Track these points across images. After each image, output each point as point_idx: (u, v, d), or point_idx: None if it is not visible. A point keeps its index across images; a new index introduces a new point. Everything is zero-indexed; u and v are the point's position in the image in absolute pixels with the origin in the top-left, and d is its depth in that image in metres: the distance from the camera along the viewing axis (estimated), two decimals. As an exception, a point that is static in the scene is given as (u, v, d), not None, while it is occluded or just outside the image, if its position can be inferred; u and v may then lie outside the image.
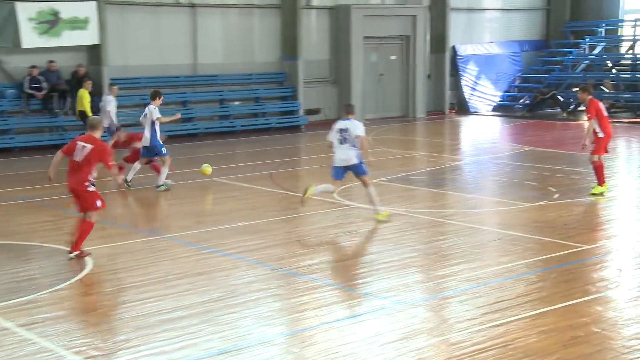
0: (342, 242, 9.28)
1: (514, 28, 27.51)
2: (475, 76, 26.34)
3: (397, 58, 24.82)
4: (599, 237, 9.28)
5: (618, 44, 26.96)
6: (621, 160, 15.64)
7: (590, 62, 26.38)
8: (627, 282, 7.56)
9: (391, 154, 16.93)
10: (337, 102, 23.78)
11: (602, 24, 27.09)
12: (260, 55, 22.34)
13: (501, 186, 13.05)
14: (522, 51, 27.54)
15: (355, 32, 23.18)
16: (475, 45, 26.50)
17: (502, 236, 9.46)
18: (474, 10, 26.63)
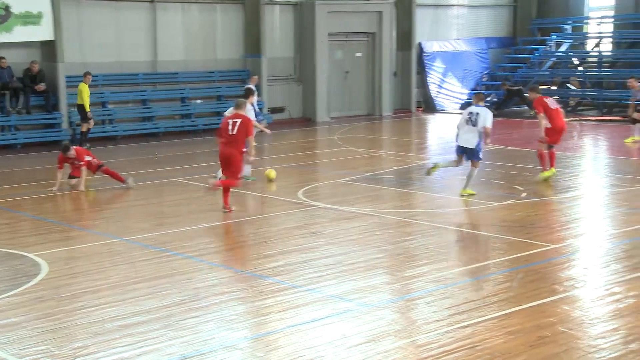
0: (307, 244, 9.28)
1: (480, 25, 27.80)
2: (442, 73, 26.56)
3: (362, 55, 24.91)
4: (565, 236, 9.42)
5: (584, 42, 27.41)
6: (587, 158, 15.90)
7: (556, 59, 26.78)
8: (594, 281, 7.69)
9: (357, 153, 16.98)
10: (301, 100, 23.80)
11: (568, 21, 27.52)
12: (223, 52, 22.25)
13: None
14: (489, 48, 27.84)
15: (320, 28, 23.22)
16: (442, 42, 26.72)
17: (470, 236, 9.55)
18: (440, 7, 26.85)
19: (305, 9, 23.27)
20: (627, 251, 8.64)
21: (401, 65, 25.62)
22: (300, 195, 12.09)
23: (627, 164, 14.86)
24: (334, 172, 14.22)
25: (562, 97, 25.23)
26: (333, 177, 13.78)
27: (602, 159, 16.11)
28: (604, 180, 13.35)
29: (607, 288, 7.40)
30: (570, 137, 19.06)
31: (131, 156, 17.24)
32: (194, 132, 20.74)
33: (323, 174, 14.61)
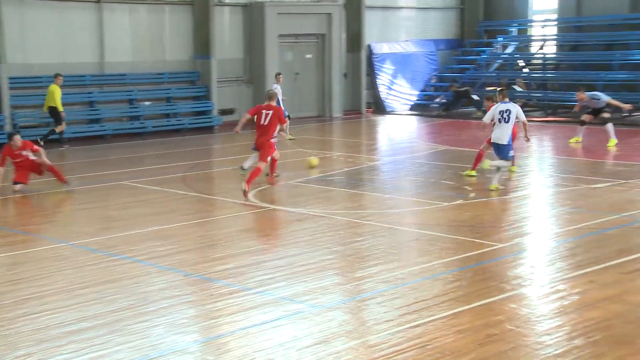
0: (257, 246, 9.24)
1: (429, 27, 28.11)
2: (392, 75, 26.76)
3: (312, 57, 24.94)
4: (513, 235, 9.58)
5: (529, 44, 27.95)
6: (533, 158, 16.19)
7: (503, 61, 27.25)
8: (540, 279, 7.82)
9: (308, 154, 16.99)
10: (251, 102, 23.69)
11: (513, 24, 28.03)
12: (172, 53, 22.03)
13: (418, 186, 13.29)
14: (438, 50, 28.17)
15: (270, 30, 23.17)
16: (391, 44, 26.93)
17: (420, 236, 9.63)
18: (389, 9, 27.06)
19: (255, 10, 23.20)
20: (571, 249, 8.82)
21: (351, 66, 25.74)
22: (250, 197, 12.03)
23: (570, 164, 15.19)
24: (285, 174, 14.18)
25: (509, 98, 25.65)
26: (284, 178, 13.75)
27: (547, 159, 16.44)
28: (549, 180, 13.61)
29: (552, 286, 7.53)
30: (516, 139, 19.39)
31: (78, 159, 16.93)
32: (142, 135, 20.48)
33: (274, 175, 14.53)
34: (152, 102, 21.59)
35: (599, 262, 8.18)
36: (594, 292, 7.24)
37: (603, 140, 17.62)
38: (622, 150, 16.10)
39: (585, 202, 11.42)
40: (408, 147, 18.49)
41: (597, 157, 15.46)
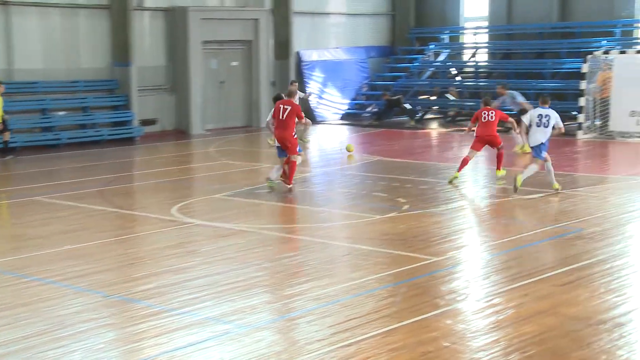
0: (182, 264, 9.14)
1: (359, 33, 28.44)
2: (322, 83, 26.94)
3: (239, 64, 24.90)
4: (447, 248, 9.75)
5: (461, 51, 28.60)
6: (467, 169, 16.53)
7: (435, 69, 27.79)
8: (475, 294, 7.99)
9: (235, 166, 16.91)
10: (175, 112, 23.49)
11: (445, 31, 28.65)
12: (88, 60, 21.64)
13: (350, 198, 13.40)
14: (369, 57, 28.52)
15: (193, 36, 23.03)
16: (321, 51, 27.13)
17: (352, 251, 9.70)
18: (318, 15, 27.27)
19: (177, 15, 23.02)
20: (505, 262, 9.04)
21: (279, 74, 25.79)
22: (174, 212, 11.90)
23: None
24: (211, 187, 14.09)
25: (442, 107, 26.24)
26: (209, 192, 13.65)
27: (481, 169, 16.81)
28: (483, 191, 13.92)
29: (487, 300, 7.70)
30: (450, 148, 19.79)
31: (-15, 173, 16.43)
32: (56, 147, 20.00)
33: (199, 189, 14.46)
34: (66, 112, 21.13)
35: (534, 274, 8.41)
36: (529, 306, 7.44)
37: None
38: (555, 160, 16.59)
39: (519, 213, 11.72)
40: (339, 157, 18.62)
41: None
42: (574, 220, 11.04)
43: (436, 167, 16.32)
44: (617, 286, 8.00)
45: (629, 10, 24.75)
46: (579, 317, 7.10)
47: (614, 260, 8.97)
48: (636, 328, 6.86)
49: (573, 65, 23.33)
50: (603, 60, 20.85)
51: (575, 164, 16.54)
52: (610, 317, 7.07)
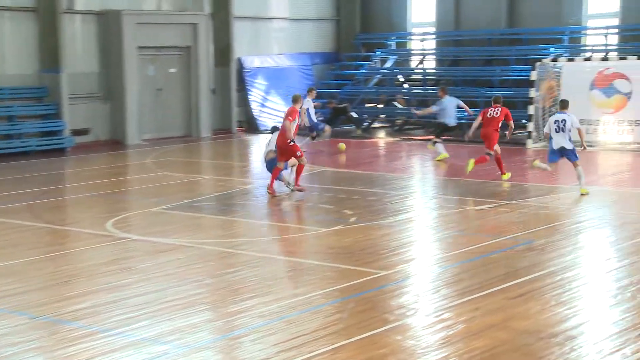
0: (117, 281, 9.00)
1: (303, 39, 28.53)
2: (264, 91, 26.93)
3: (177, 71, 24.73)
4: (396, 261, 9.81)
5: (408, 58, 28.91)
6: (416, 179, 16.72)
7: (382, 76, 28.03)
8: (425, 308, 8.05)
9: (173, 178, 16.77)
10: (109, 121, 23.19)
11: (392, 37, 28.92)
12: (13, 66, 21.20)
13: (295, 210, 13.39)
14: (313, 64, 28.62)
15: (128, 41, 22.79)
16: (263, 58, 27.13)
17: (297, 265, 9.69)
18: (260, 20, 27.27)
19: (110, 19, 22.75)
20: (456, 275, 9.14)
21: (220, 82, 25.70)
22: (109, 227, 11.73)
23: (454, 185, 15.77)
24: (148, 200, 13.94)
25: (389, 115, 26.48)
26: (147, 205, 13.51)
27: (429, 179, 17.00)
28: (432, 202, 14.08)
29: (437, 314, 7.77)
30: (398, 158, 19.97)
31: None
32: (-19, 158, 19.54)
33: (135, 202, 14.29)
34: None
35: (484, 287, 8.52)
36: (480, 320, 7.53)
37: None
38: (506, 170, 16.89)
39: (469, 225, 11.88)
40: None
41: (480, 177, 16.15)
42: (524, 231, 11.24)
43: (384, 178, 16.44)
44: (568, 298, 8.16)
45: (576, 17, 25.40)
46: (530, 330, 7.21)
47: (564, 272, 9.15)
48: (587, 341, 7.01)
49: (522, 72, 23.80)
50: (551, 67, 21.33)
51: (525, 174, 16.84)
52: (562, 330, 7.21)
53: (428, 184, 16.46)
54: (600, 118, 20.52)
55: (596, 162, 18.53)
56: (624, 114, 20.24)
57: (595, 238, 11.09)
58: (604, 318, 7.58)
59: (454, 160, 18.81)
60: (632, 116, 20.16)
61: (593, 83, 20.68)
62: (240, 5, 26.08)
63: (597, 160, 18.81)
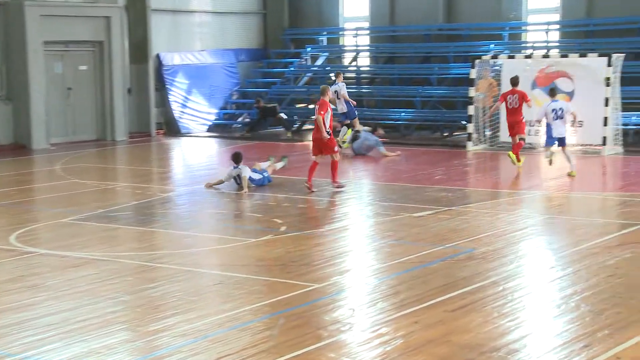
0: (24, 300, 8.84)
1: (228, 34, 28.48)
2: (186, 90, 26.79)
3: (88, 68, 24.41)
4: (329, 273, 9.88)
5: (341, 55, 29.13)
6: (351, 185, 16.84)
7: (313, 74, 28.17)
8: (361, 323, 8.14)
9: (85, 186, 16.54)
10: (12, 124, 22.75)
11: (323, 32, 29.10)
12: None
13: (221, 220, 13.36)
14: (239, 61, 28.60)
15: (32, 35, 22.40)
16: (184, 54, 26.98)
17: (224, 279, 9.68)
18: (180, 13, 27.12)
19: (11, 10, 22.31)
20: (393, 287, 9.26)
21: (136, 80, 25.45)
22: (13, 241, 11.50)
23: (390, 190, 15.96)
24: (57, 210, 13.71)
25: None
26: (56, 216, 13.29)
27: (365, 185, 17.17)
28: (368, 209, 14.22)
29: (374, 329, 7.87)
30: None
31: None
32: None
33: (43, 213, 14.05)
34: None
35: (423, 299, 8.66)
36: (419, 334, 7.65)
37: (426, 161, 18.77)
38: (444, 174, 17.19)
39: (407, 233, 12.05)
40: (208, 174, 18.53)
41: (419, 182, 16.39)
42: (465, 239, 11.45)
43: (316, 184, 16.51)
44: (510, 310, 8.36)
45: (516, 12, 26.00)
46: (471, 344, 7.36)
47: (507, 281, 9.36)
48: (530, 354, 7.19)
49: (461, 70, 24.25)
50: (491, 65, 21.77)
51: (465, 178, 17.16)
52: (504, 344, 7.38)
53: (364, 189, 16.62)
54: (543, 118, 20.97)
55: (539, 165, 18.99)
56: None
57: (538, 245, 11.38)
58: (548, 330, 7.80)
59: (392, 165, 19.04)
60: (575, 116, 20.67)
61: (535, 82, 21.14)
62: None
63: (539, 163, 19.29)
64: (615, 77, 20.01)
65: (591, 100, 20.15)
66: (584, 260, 10.17)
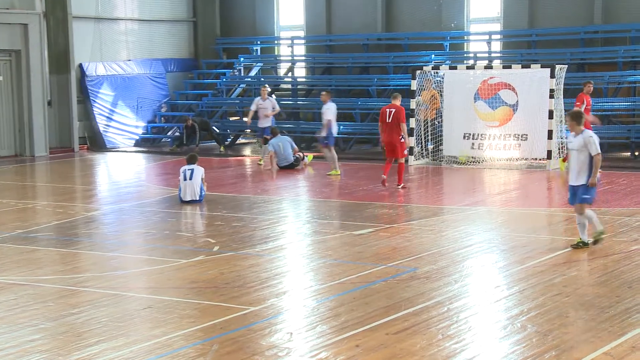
0: None
1: (156, 43, 28.34)
2: (111, 103, 26.54)
3: (5, 79, 24.03)
4: (266, 295, 9.85)
5: (276, 65, 29.19)
6: (287, 202, 16.84)
7: (246, 85, 28.16)
8: (300, 347, 8.12)
9: (2, 205, 16.24)
10: None
11: (257, 41, 29.13)
12: None
13: (150, 240, 13.23)
14: (167, 72, 28.46)
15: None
16: (109, 64, 26.74)
17: (153, 303, 9.57)
18: (105, 20, 26.89)
19: None
20: (333, 309, 9.27)
21: (57, 92, 25.12)
22: None
23: (329, 207, 16.01)
24: (-29, 232, 13.41)
25: (256, 130, 26.54)
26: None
27: (303, 202, 17.17)
28: (306, 227, 14.22)
29: (313, 354, 7.85)
30: (268, 178, 20.08)
31: None
32: None
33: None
34: None
35: (365, 322, 8.68)
36: (361, 358, 7.66)
37: (366, 177, 18.88)
38: (385, 189, 17.30)
39: (347, 252, 12.07)
40: (135, 191, 18.35)
41: (359, 199, 16.47)
42: (407, 258, 11.52)
43: (250, 201, 16.48)
44: (456, 331, 8.42)
45: (457, 21, 26.40)
46: (416, 368, 7.39)
47: (451, 302, 9.44)
48: (478, 376, 7.26)
49: (401, 81, 24.51)
50: (433, 76, 22.01)
51: (407, 194, 17.30)
52: (451, 366, 7.43)
53: (301, 206, 16.62)
54: (486, 132, 21.30)
55: (482, 181, 19.27)
56: (510, 127, 21.07)
57: (483, 264, 11.51)
58: (494, 352, 7.88)
59: (331, 181, 19.11)
60: (518, 130, 20.98)
61: (477, 93, 21.44)
62: (80, 3, 25.64)
63: (483, 178, 19.57)
64: (558, 89, 20.40)
65: (535, 113, 20.55)
66: (530, 279, 10.32)
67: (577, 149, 11.58)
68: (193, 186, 15.85)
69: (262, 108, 21.89)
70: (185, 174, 15.98)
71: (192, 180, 15.89)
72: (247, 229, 13.63)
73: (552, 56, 24.22)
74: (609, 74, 23.12)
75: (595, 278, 10.37)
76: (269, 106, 21.95)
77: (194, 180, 15.89)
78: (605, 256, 11.40)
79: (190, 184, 15.87)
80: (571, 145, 11.72)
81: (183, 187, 15.94)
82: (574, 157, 11.66)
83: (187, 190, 15.87)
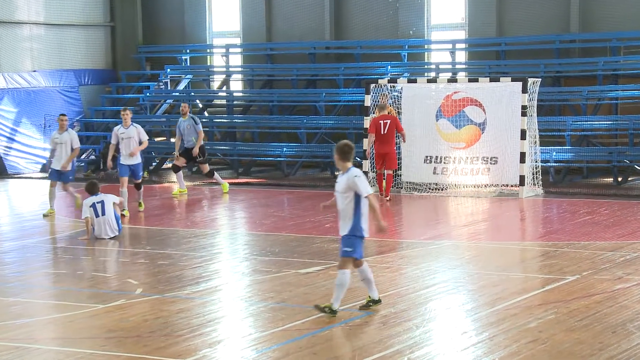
0: None
1: (67, 52, 28.14)
2: (13, 121, 26.29)
3: None
4: (198, 345, 9.80)
5: (208, 78, 29.14)
6: (222, 236, 16.78)
7: (174, 101, 28.03)
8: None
9: None
10: None
11: (186, 50, 29.04)
12: None
13: (59, 282, 13.09)
14: (81, 85, 28.26)
15: None
16: (10, 76, 26.47)
17: (63, 356, 9.47)
18: (5, 25, 26.63)
19: None
20: None
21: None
22: None
23: (271, 242, 15.98)
24: None
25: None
26: None
27: (241, 235, 17.14)
28: (244, 265, 14.19)
29: (255, 412, 7.83)
30: (199, 208, 20.01)
31: None
32: None
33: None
34: None
35: (313, 374, 8.67)
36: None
37: (312, 206, 18.94)
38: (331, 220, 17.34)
39: (292, 294, 12.06)
40: (41, 225, 18.14)
41: (305, 232, 16.47)
42: (362, 299, 11.54)
43: (179, 235, 16.41)
44: (419, 384, 8.46)
45: (416, 28, 26.61)
46: None
47: (412, 350, 9.48)
48: None
49: (353, 96, 24.65)
50: (389, 90, 22.05)
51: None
52: None
53: (239, 241, 16.59)
54: (450, 155, 21.41)
55: (446, 210, 19.42)
56: (478, 149, 21.18)
57: (449, 306, 11.58)
58: (463, 407, 7.92)
59: (274, 211, 19.07)
60: (487, 152, 21.10)
61: (440, 110, 21.55)
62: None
63: (447, 207, 19.73)
64: (531, 105, 20.58)
65: (505, 133, 20.70)
66: (501, 324, 10.41)
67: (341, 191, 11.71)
68: (108, 221, 15.55)
69: (126, 138, 19.10)
70: (96, 209, 15.61)
71: (105, 215, 15.60)
72: (176, 268, 13.56)
73: (523, 68, 24.59)
74: (587, 89, 23.45)
75: (575, 322, 10.48)
76: (134, 135, 19.18)
77: (108, 215, 15.58)
78: (587, 296, 11.55)
79: (104, 219, 15.54)
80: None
81: (97, 225, 15.59)
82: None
83: (103, 227, 15.55)
